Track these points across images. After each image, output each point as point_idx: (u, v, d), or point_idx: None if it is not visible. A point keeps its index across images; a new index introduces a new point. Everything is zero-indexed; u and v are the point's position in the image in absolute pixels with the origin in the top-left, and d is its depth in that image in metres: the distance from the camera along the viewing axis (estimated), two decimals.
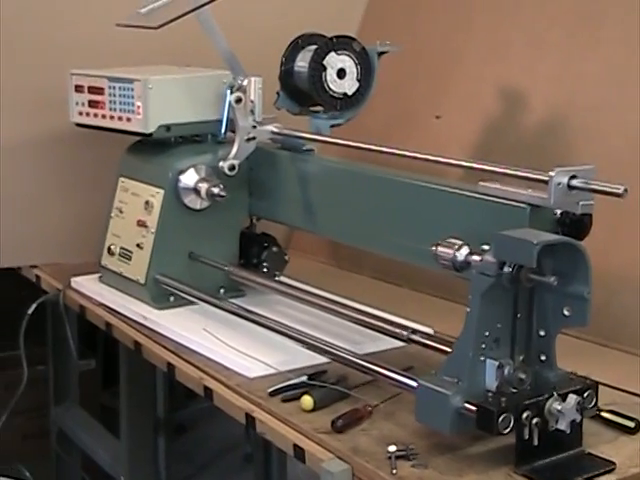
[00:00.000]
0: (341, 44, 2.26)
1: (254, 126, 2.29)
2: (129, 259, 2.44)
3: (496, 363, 1.61)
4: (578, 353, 1.95)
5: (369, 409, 1.80)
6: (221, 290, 2.42)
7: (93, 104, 2.48)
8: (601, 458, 1.63)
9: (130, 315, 2.38)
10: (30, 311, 2.68)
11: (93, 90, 2.47)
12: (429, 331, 2.05)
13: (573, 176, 1.63)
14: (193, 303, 2.34)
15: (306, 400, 1.83)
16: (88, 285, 2.59)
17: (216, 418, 3.23)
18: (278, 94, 2.36)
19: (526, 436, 1.57)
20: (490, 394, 1.60)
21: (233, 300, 2.31)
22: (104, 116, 2.46)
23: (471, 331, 1.60)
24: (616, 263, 2.15)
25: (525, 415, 1.56)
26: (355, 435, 1.73)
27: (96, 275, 2.59)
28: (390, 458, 1.62)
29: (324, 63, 2.25)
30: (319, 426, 1.76)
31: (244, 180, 2.40)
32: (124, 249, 2.46)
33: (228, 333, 2.17)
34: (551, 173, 1.63)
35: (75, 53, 2.65)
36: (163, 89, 2.36)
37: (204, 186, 2.34)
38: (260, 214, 2.47)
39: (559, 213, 1.68)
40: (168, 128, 2.37)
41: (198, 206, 2.37)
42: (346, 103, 2.29)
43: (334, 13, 2.95)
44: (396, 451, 1.63)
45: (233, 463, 3.67)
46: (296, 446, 1.74)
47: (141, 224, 2.40)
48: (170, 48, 2.56)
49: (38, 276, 2.80)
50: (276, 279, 2.43)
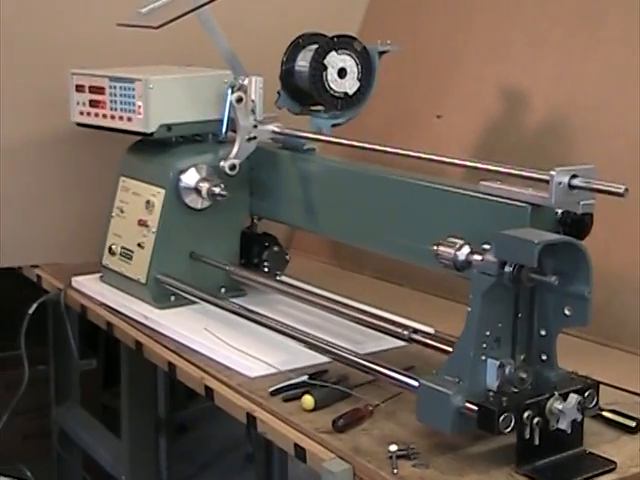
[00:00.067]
0: (342, 44, 2.26)
1: (255, 126, 2.29)
2: (130, 259, 2.44)
3: (497, 363, 1.61)
4: (579, 353, 1.95)
5: (370, 409, 1.80)
6: (222, 290, 2.42)
7: (94, 104, 2.48)
8: (602, 458, 1.63)
9: (131, 315, 2.38)
10: (31, 311, 2.68)
11: (94, 90, 2.47)
12: (430, 331, 2.05)
13: (574, 175, 1.63)
14: (194, 303, 2.34)
15: (307, 400, 1.83)
16: (89, 285, 2.59)
17: (217, 418, 3.23)
18: (279, 93, 2.36)
19: (527, 436, 1.57)
20: (491, 394, 1.60)
21: (234, 300, 2.31)
22: (105, 116, 2.46)
23: (472, 331, 1.60)
24: (617, 263, 2.15)
25: (526, 415, 1.56)
26: (356, 435, 1.73)
27: (97, 275, 2.59)
28: (391, 458, 1.62)
29: (325, 62, 2.25)
30: (320, 426, 1.76)
31: (245, 180, 2.40)
32: (125, 249, 2.46)
33: (229, 333, 2.17)
34: (552, 172, 1.63)
35: (76, 53, 2.64)
36: (164, 89, 2.36)
37: (205, 186, 2.34)
38: (261, 214, 2.47)
39: (560, 213, 1.68)
40: (169, 128, 2.37)
41: (199, 206, 2.37)
42: (347, 103, 2.29)
43: (335, 13, 2.95)
44: (397, 451, 1.63)
45: (234, 463, 3.67)
46: (297, 446, 1.74)
47: (142, 224, 2.40)
48: (171, 48, 2.56)
49: (39, 276, 2.80)
50: (277, 279, 2.43)
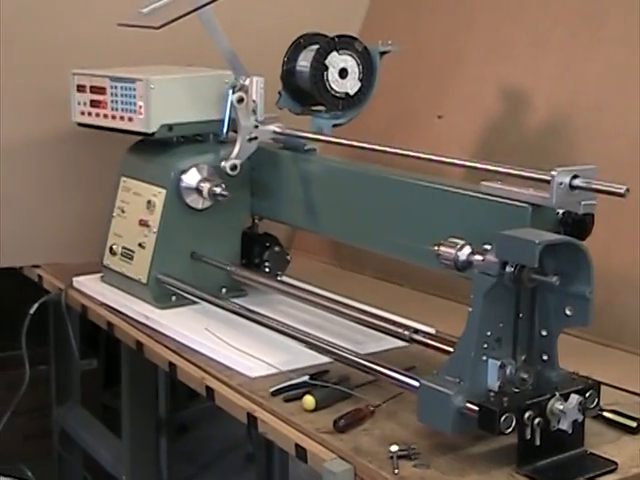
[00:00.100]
0: (343, 44, 2.26)
1: (256, 126, 2.29)
2: (131, 259, 2.44)
3: (498, 363, 1.61)
4: (580, 353, 1.95)
5: (371, 409, 1.80)
6: (223, 290, 2.42)
7: (95, 104, 2.48)
8: (603, 458, 1.63)
9: (132, 315, 2.38)
10: (32, 311, 2.68)
11: (95, 90, 2.47)
12: (431, 331, 2.04)
13: (575, 176, 1.62)
14: (195, 303, 2.34)
15: (308, 400, 1.83)
16: (90, 285, 2.59)
17: (218, 418, 3.22)
18: (280, 94, 2.36)
19: (528, 436, 1.57)
20: (492, 394, 1.60)
21: (235, 300, 2.31)
22: (106, 116, 2.46)
23: (473, 331, 1.60)
24: (618, 263, 2.15)
25: (527, 415, 1.56)
26: (357, 435, 1.73)
27: (98, 275, 2.59)
28: (392, 458, 1.62)
29: (326, 63, 2.25)
30: (321, 426, 1.76)
31: (246, 180, 2.40)
32: (126, 249, 2.46)
33: (230, 333, 2.17)
34: (553, 173, 1.63)
35: (76, 53, 2.65)
36: (165, 89, 2.36)
37: (206, 186, 2.34)
38: (262, 214, 2.47)
39: (561, 213, 1.68)
40: (170, 128, 2.37)
41: (200, 206, 2.37)
42: (348, 103, 2.29)
43: (336, 13, 2.95)
44: (398, 451, 1.63)
45: (235, 463, 3.67)
46: (298, 446, 1.74)
47: (143, 224, 2.40)
48: (171, 48, 2.56)
49: (40, 276, 2.80)
50: (278, 279, 2.43)
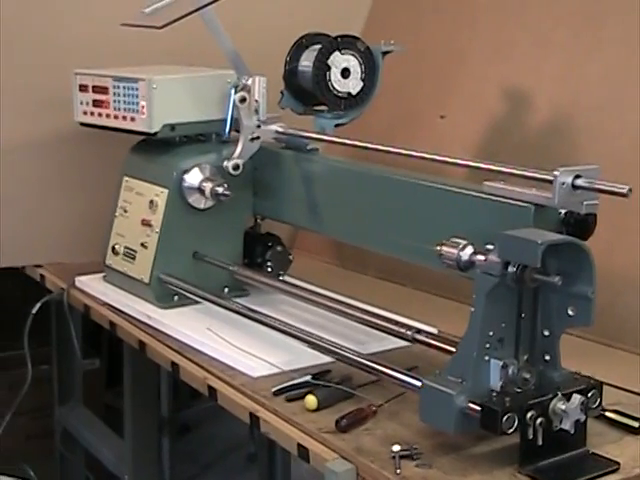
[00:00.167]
0: (345, 44, 2.26)
1: (258, 125, 2.29)
2: (133, 258, 2.44)
3: (500, 363, 1.61)
4: (582, 353, 1.95)
5: (373, 409, 1.80)
6: (225, 289, 2.42)
7: (97, 103, 2.48)
8: (605, 458, 1.63)
9: (134, 314, 2.38)
10: (34, 310, 2.68)
11: (97, 89, 2.48)
12: (433, 331, 2.04)
13: (577, 176, 1.62)
14: (197, 302, 2.34)
15: (310, 400, 1.83)
16: (92, 284, 2.59)
17: (220, 418, 3.22)
18: (282, 93, 2.36)
19: (530, 436, 1.57)
20: (494, 394, 1.60)
21: (237, 300, 2.31)
22: (108, 115, 2.46)
23: (475, 331, 1.60)
24: (620, 263, 2.15)
25: (529, 415, 1.56)
26: (359, 435, 1.73)
27: (100, 274, 2.59)
28: (394, 458, 1.62)
29: (328, 62, 2.25)
30: (323, 426, 1.76)
31: (248, 179, 2.40)
32: (128, 248, 2.46)
33: (232, 333, 2.17)
34: (555, 173, 1.63)
35: (77, 53, 2.65)
36: (167, 89, 2.36)
37: (208, 185, 2.34)
38: (264, 214, 2.47)
39: (563, 213, 1.68)
40: (172, 127, 2.37)
41: (202, 205, 2.37)
42: (350, 103, 2.29)
43: (338, 13, 2.95)
44: (400, 451, 1.63)
45: (237, 463, 3.67)
46: (300, 446, 1.74)
47: (145, 223, 2.40)
48: (173, 48, 2.56)
49: (42, 275, 2.80)
50: (280, 279, 2.43)
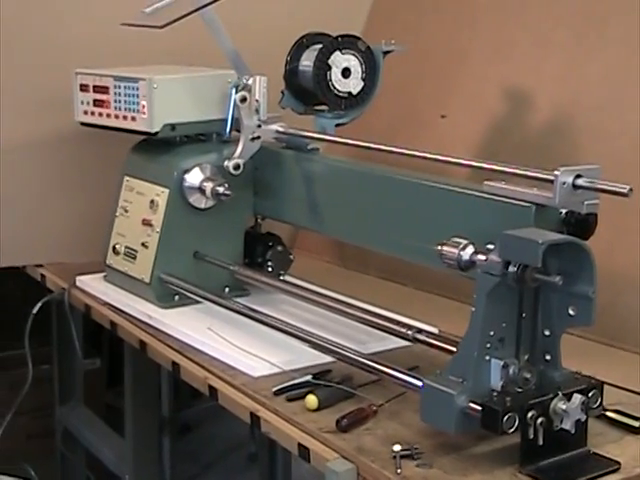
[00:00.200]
0: (346, 43, 2.26)
1: (259, 125, 2.29)
2: (134, 258, 2.44)
3: (501, 363, 1.61)
4: (583, 353, 1.95)
5: (374, 408, 1.80)
6: (226, 289, 2.42)
7: (98, 103, 2.48)
8: (606, 458, 1.63)
9: (135, 314, 2.38)
10: (35, 310, 2.68)
11: (98, 89, 2.47)
12: (434, 330, 2.04)
13: (578, 175, 1.62)
14: (198, 302, 2.34)
15: (311, 399, 1.83)
16: (93, 284, 2.59)
17: (221, 417, 3.23)
18: (283, 93, 2.36)
19: (531, 436, 1.57)
20: (495, 394, 1.60)
21: (238, 299, 2.31)
22: (109, 115, 2.46)
23: (476, 331, 1.60)
24: (621, 263, 2.15)
25: (530, 415, 1.56)
26: (360, 434, 1.73)
27: (101, 274, 2.59)
28: (395, 457, 1.62)
29: (329, 62, 2.25)
30: (324, 425, 1.76)
31: (249, 179, 2.40)
32: (129, 248, 2.46)
33: (233, 332, 2.17)
34: (556, 172, 1.63)
35: (79, 53, 2.64)
36: (168, 88, 2.36)
37: (209, 185, 2.34)
38: (265, 213, 2.47)
39: (564, 212, 1.68)
40: (173, 127, 2.37)
41: (203, 205, 2.37)
42: (351, 102, 2.29)
43: (339, 12, 2.95)
44: (401, 450, 1.63)
45: (238, 462, 3.67)
46: (301, 445, 1.74)
47: (146, 223, 2.40)
48: (173, 48, 2.56)
49: (43, 275, 2.80)
50: (281, 278, 2.43)
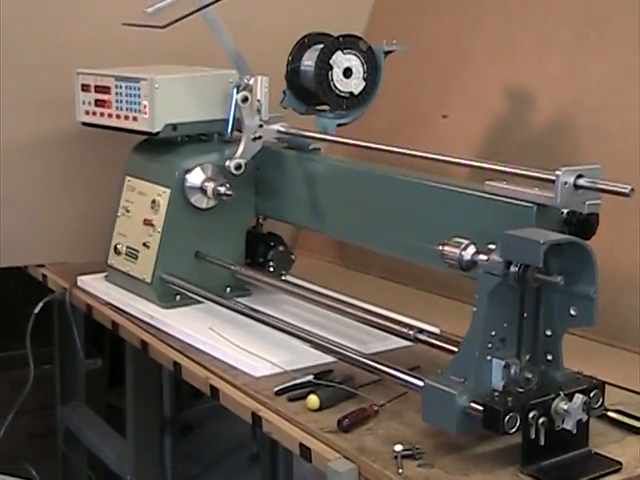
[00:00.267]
0: (347, 43, 2.26)
1: (260, 125, 2.29)
2: (135, 258, 2.44)
3: (502, 363, 1.61)
4: (584, 353, 1.95)
5: (375, 408, 1.80)
6: (227, 289, 2.42)
7: (100, 103, 2.48)
8: (608, 458, 1.63)
9: (136, 314, 2.38)
10: (36, 310, 2.68)
11: (100, 89, 2.48)
12: (435, 330, 2.04)
13: (580, 175, 1.62)
14: (199, 302, 2.34)
15: (312, 399, 1.83)
16: (94, 284, 2.59)
17: (222, 417, 3.23)
18: (284, 93, 2.36)
19: (532, 436, 1.57)
20: (496, 394, 1.60)
21: (239, 299, 2.31)
22: (110, 115, 2.46)
23: (477, 330, 1.60)
24: (622, 263, 2.15)
25: (531, 415, 1.56)
26: (361, 434, 1.73)
27: (102, 274, 2.59)
28: (396, 457, 1.62)
29: (330, 62, 2.25)
30: (325, 425, 1.76)
31: (250, 179, 2.40)
32: (130, 248, 2.46)
33: (234, 332, 2.17)
34: (558, 172, 1.63)
35: (80, 53, 2.65)
36: (169, 88, 2.36)
37: (210, 185, 2.34)
38: (266, 213, 2.47)
39: (566, 212, 1.68)
40: (174, 127, 2.37)
41: (204, 205, 2.37)
42: (352, 102, 2.29)
43: (341, 12, 2.95)
44: (402, 450, 1.63)
45: (239, 462, 3.67)
46: (302, 445, 1.74)
47: (147, 223, 2.40)
48: (174, 48, 2.56)
49: (44, 275, 2.80)
50: (282, 278, 2.43)
